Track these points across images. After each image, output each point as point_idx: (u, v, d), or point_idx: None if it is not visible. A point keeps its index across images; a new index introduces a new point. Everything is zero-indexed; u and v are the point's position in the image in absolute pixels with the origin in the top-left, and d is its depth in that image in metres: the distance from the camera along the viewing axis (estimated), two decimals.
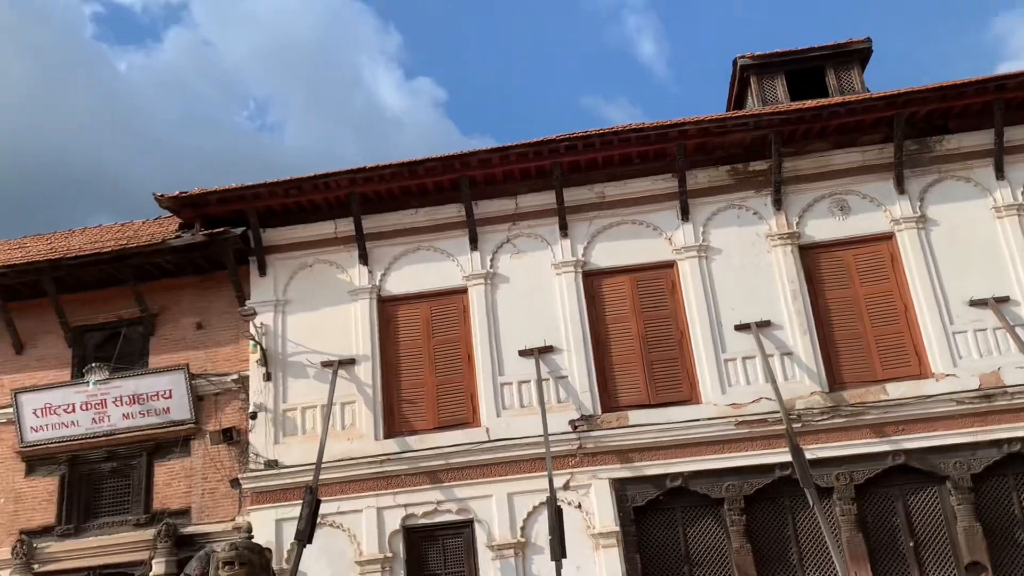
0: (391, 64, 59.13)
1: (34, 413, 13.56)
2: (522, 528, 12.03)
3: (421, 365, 13.23)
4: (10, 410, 13.66)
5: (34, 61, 46.61)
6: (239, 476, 12.84)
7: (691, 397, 12.53)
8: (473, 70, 56.01)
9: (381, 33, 58.07)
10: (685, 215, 13.25)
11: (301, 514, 11.22)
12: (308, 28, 52.74)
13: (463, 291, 13.44)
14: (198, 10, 56.97)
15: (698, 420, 12.23)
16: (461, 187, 13.31)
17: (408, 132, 52.49)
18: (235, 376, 13.54)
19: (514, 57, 55.23)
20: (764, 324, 12.59)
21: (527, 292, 13.24)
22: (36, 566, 13.02)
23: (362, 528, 12.30)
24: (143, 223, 15.82)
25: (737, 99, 16.06)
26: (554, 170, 13.10)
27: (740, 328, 12.64)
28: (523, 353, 12.81)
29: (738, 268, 13.01)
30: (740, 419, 12.16)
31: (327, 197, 13.62)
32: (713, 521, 12.05)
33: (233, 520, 12.79)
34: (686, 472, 12.06)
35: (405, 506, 12.36)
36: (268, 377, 13.23)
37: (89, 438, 13.49)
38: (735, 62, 15.64)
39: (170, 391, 13.45)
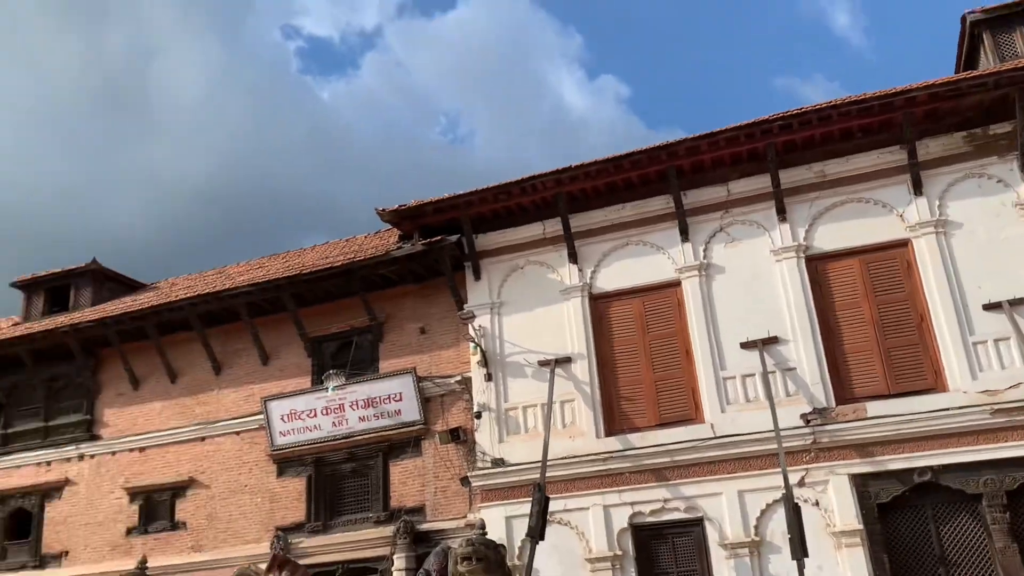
0: (573, 66, 59.58)
1: (281, 419, 14.74)
2: (756, 527, 11.58)
3: (637, 361, 13.08)
4: (261, 416, 14.92)
5: (249, 99, 51.09)
6: (468, 474, 13.27)
7: (935, 385, 11.55)
8: (656, 63, 55.29)
9: (562, 36, 58.65)
10: (917, 189, 12.24)
11: (531, 511, 11.42)
12: (492, 40, 54.30)
13: (676, 284, 13.17)
14: (390, 34, 60.15)
15: (946, 409, 11.24)
16: (668, 178, 13.05)
17: (593, 132, 52.66)
18: (458, 378, 14.02)
19: (699, 45, 53.91)
20: (1019, 302, 11.38)
21: (745, 281, 12.74)
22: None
23: (590, 526, 12.33)
24: (365, 237, 16.81)
25: (967, 59, 14.64)
26: (768, 152, 12.54)
27: (990, 308, 11.50)
28: (745, 345, 12.34)
29: (983, 243, 11.85)
30: (996, 407, 11.05)
31: (534, 199, 13.81)
32: (970, 519, 11.03)
33: (465, 517, 13.25)
34: (935, 466, 11.12)
35: (631, 504, 12.26)
36: (489, 378, 13.58)
37: (330, 441, 14.47)
38: (963, 19, 14.26)
39: (400, 394, 14.16)
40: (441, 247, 13.89)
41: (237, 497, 14.96)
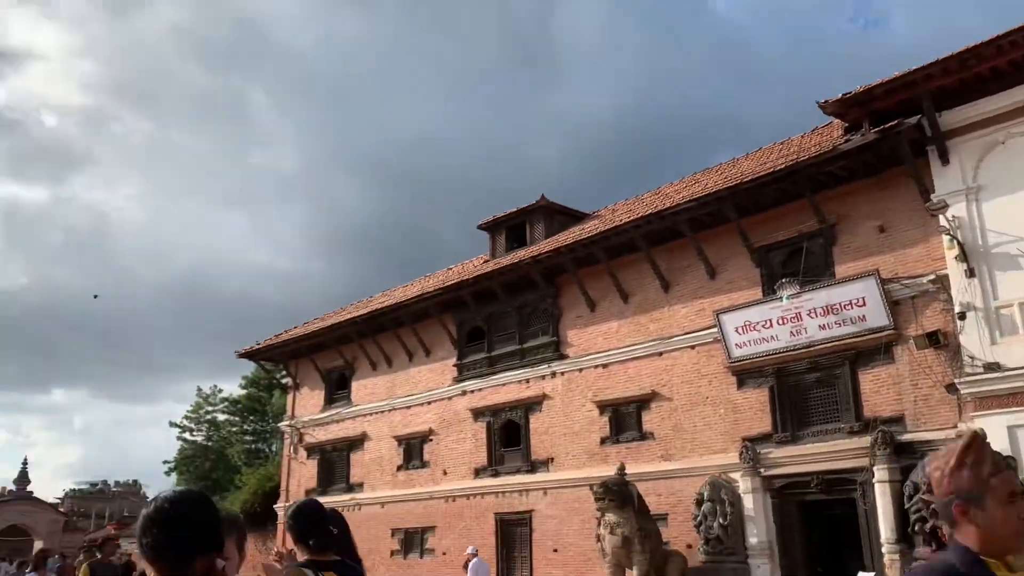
0: None
1: (736, 331, 14.62)
2: None
3: None
4: (715, 330, 14.96)
5: (646, 27, 51.40)
6: (955, 381, 11.93)
7: None
8: None
9: None
10: None
11: None
12: None
13: None
14: None
15: None
16: None
17: None
18: (931, 276, 12.59)
19: None
20: None
21: None
22: (761, 470, 14.06)
23: None
24: (801, 137, 15.86)
25: None
26: None
27: None
28: None
29: None
30: None
31: (1013, 59, 11.67)
32: None
33: (955, 427, 11.96)
34: None
35: None
36: (971, 273, 11.97)
37: (789, 351, 14.01)
38: None
39: (862, 299, 13.15)
40: (897, 132, 12.45)
41: (699, 409, 15.29)
